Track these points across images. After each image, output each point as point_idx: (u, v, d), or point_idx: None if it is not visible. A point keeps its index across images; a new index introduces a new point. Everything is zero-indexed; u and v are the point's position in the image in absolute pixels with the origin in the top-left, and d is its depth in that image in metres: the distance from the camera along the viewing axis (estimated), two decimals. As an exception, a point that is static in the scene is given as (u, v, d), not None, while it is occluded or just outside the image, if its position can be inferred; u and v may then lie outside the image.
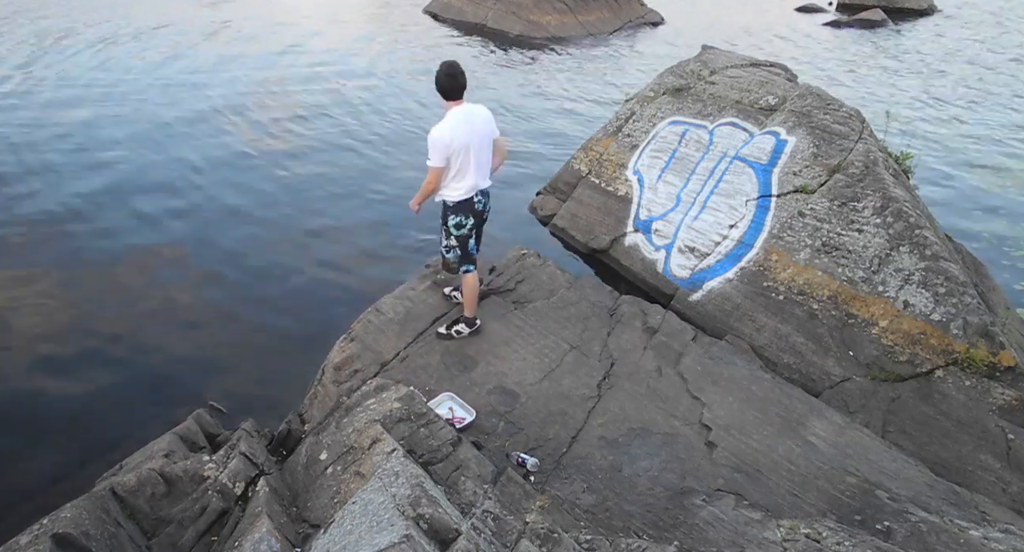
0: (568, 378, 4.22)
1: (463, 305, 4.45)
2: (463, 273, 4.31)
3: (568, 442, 3.75)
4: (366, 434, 3.16)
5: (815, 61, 16.12)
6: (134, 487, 2.90)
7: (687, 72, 7.24)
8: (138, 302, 5.54)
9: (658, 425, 3.92)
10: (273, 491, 3.00)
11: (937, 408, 4.23)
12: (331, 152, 8.98)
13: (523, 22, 17.45)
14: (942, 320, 4.42)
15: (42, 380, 4.63)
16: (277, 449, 3.73)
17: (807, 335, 4.85)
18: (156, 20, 15.91)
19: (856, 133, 5.61)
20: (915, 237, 4.74)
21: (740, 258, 5.42)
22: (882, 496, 3.47)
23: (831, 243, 5.06)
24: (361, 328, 4.49)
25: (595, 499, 3.40)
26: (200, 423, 3.70)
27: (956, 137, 11.17)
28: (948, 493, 3.61)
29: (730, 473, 3.62)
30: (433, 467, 3.11)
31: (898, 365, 4.45)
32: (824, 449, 3.83)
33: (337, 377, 4.16)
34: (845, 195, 5.18)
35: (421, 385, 4.01)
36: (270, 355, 5.04)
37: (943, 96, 13.62)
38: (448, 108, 3.85)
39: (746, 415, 4.05)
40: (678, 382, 4.30)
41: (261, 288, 5.85)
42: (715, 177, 5.97)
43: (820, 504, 3.46)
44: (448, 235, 4.20)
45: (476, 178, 3.98)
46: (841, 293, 4.85)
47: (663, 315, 4.98)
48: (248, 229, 6.77)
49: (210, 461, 3.14)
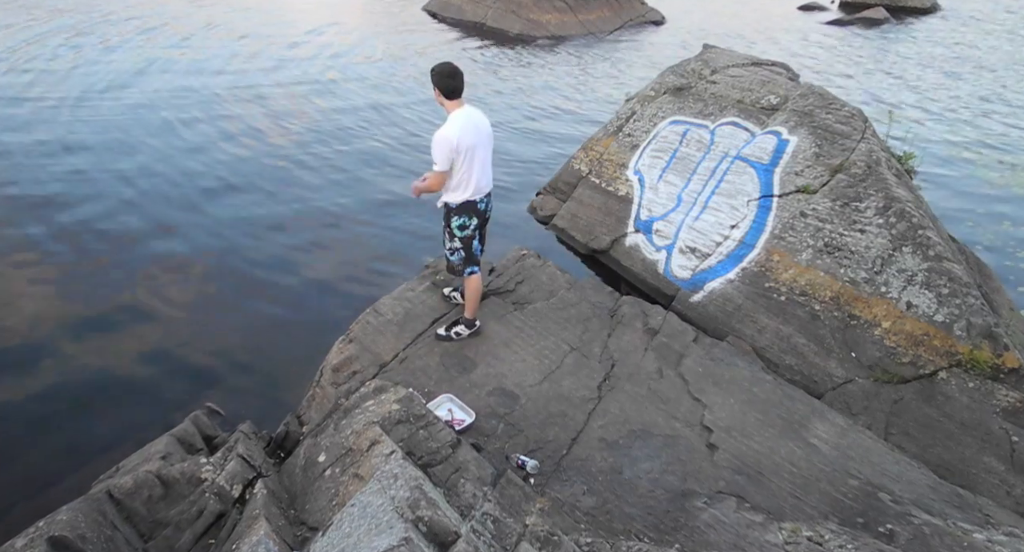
0: (568, 379, 4.23)
1: (464, 306, 4.45)
2: (467, 275, 4.29)
3: (568, 444, 3.75)
4: (365, 436, 3.16)
5: (817, 60, 16.15)
6: (131, 489, 2.90)
7: (688, 71, 7.26)
8: (134, 302, 5.54)
9: (659, 427, 3.92)
10: (271, 493, 3.00)
11: (940, 410, 4.23)
12: (329, 152, 8.99)
13: (523, 21, 17.48)
14: (945, 321, 4.42)
15: (37, 382, 4.63)
16: (275, 451, 3.73)
17: (809, 336, 4.85)
18: (153, 20, 15.91)
19: (858, 133, 5.62)
20: (918, 237, 4.75)
21: (742, 259, 5.43)
22: (885, 499, 3.48)
23: (833, 243, 5.07)
24: (360, 329, 4.50)
25: (595, 501, 3.40)
26: (197, 425, 3.71)
27: (960, 136, 11.19)
28: (951, 496, 3.61)
29: (731, 475, 3.62)
30: (432, 469, 3.11)
31: (901, 367, 4.45)
32: (826, 451, 3.84)
33: (335, 379, 4.16)
34: (847, 195, 5.19)
35: (420, 387, 4.01)
36: (268, 357, 5.05)
37: (947, 95, 13.64)
38: (450, 109, 3.82)
39: (747, 417, 4.05)
40: (679, 383, 4.31)
41: (258, 290, 5.85)
42: (716, 177, 5.98)
43: (822, 507, 3.47)
44: (452, 237, 4.17)
45: (480, 180, 3.96)
46: (843, 294, 4.85)
47: (664, 316, 4.99)
48: (245, 230, 6.78)
49: (207, 463, 3.15)
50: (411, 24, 17.80)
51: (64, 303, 5.45)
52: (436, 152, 3.76)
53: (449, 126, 3.75)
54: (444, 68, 3.75)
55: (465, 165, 3.84)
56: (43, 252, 6.12)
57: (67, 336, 5.09)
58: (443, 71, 3.73)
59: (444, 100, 3.80)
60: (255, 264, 6.22)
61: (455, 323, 4.47)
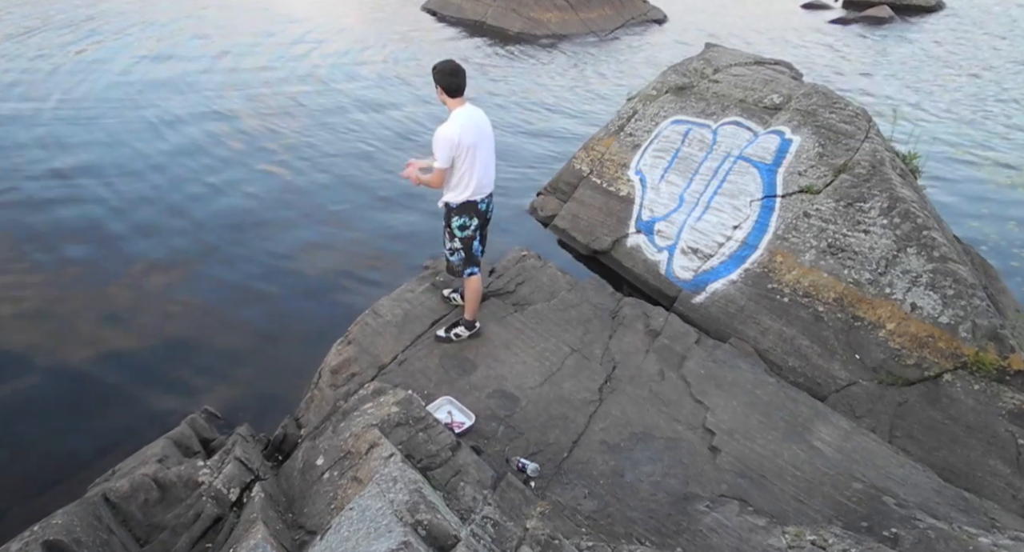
0: (569, 382, 4.22)
1: (463, 307, 4.45)
2: (467, 276, 4.29)
3: (569, 447, 3.75)
4: (363, 439, 3.16)
5: (821, 59, 16.16)
6: (127, 493, 2.90)
7: (690, 70, 7.26)
8: (130, 306, 5.54)
9: (661, 429, 3.92)
10: (268, 497, 3.00)
11: (945, 413, 4.23)
12: (327, 152, 8.98)
13: (523, 19, 17.49)
14: (951, 323, 4.42)
15: (32, 384, 4.63)
16: (273, 454, 3.73)
17: (812, 338, 4.85)
18: (138, 19, 15.92)
19: (862, 132, 5.62)
20: (923, 238, 4.75)
21: (744, 259, 5.43)
22: (889, 502, 3.47)
23: (837, 244, 5.06)
24: (358, 331, 4.50)
25: (597, 505, 3.40)
26: (194, 428, 3.71)
27: (965, 136, 11.18)
28: (956, 499, 3.61)
29: (734, 478, 3.62)
30: (432, 472, 3.11)
31: (905, 369, 4.45)
32: (830, 454, 3.84)
33: (334, 381, 4.16)
34: (851, 195, 5.19)
35: (419, 389, 4.01)
36: (266, 359, 5.05)
37: (952, 94, 13.64)
38: (452, 107, 3.83)
39: (750, 419, 4.05)
40: (681, 386, 4.30)
41: (256, 291, 5.85)
42: (719, 177, 5.98)
43: (826, 510, 3.46)
44: (452, 237, 4.17)
45: (482, 180, 3.96)
46: (847, 295, 4.85)
47: (666, 317, 4.99)
48: (243, 231, 6.78)
49: (204, 466, 3.15)
50: (410, 23, 17.81)
51: (57, 305, 5.45)
52: (437, 149, 3.77)
53: (451, 123, 3.76)
54: (446, 66, 3.76)
55: (466, 164, 3.84)
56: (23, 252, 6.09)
57: (62, 338, 5.08)
58: (446, 69, 3.75)
59: (446, 98, 3.82)
60: (251, 265, 6.21)
61: (455, 324, 4.47)
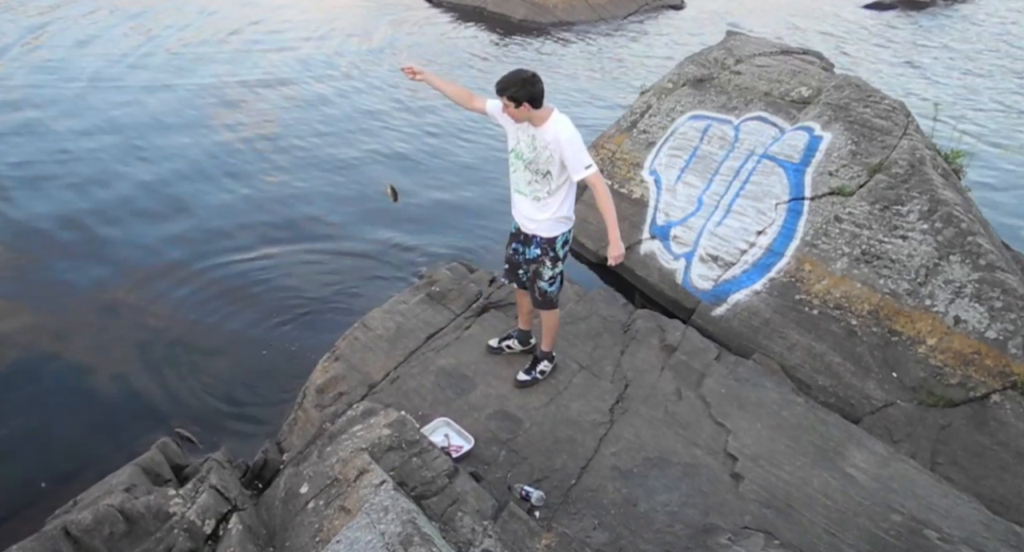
0: (577, 402, 4.25)
1: (543, 341, 4.30)
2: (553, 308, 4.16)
3: (577, 473, 3.77)
4: (352, 464, 3.18)
5: (854, 48, 16.25)
6: (90, 526, 2.91)
7: (710, 61, 7.33)
8: (98, 318, 5.58)
9: (678, 454, 3.94)
10: (247, 529, 3.02)
11: (994, 437, 4.23)
12: (324, 152, 9.02)
13: (527, 5, 17.64)
14: (998, 338, 4.44)
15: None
16: (252, 482, 3.75)
17: (845, 354, 4.87)
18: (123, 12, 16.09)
19: (900, 128, 5.67)
20: (967, 245, 4.78)
21: (769, 268, 5.46)
22: (931, 536, 3.48)
23: (872, 251, 5.10)
24: (347, 346, 4.53)
25: (608, 537, 3.41)
26: (165, 453, 3.72)
27: (1014, 132, 11.21)
28: (1007, 534, 3.61)
29: (759, 509, 3.63)
30: (427, 501, 3.13)
31: (948, 389, 4.46)
32: (865, 483, 3.84)
33: (320, 401, 4.19)
34: (888, 198, 5.23)
35: (413, 409, 4.04)
36: (245, 376, 5.06)
37: (999, 86, 13.69)
38: (543, 118, 3.64)
39: (776, 444, 4.07)
40: (700, 406, 4.32)
41: (235, 303, 5.88)
42: (741, 178, 6.02)
43: (860, 544, 3.47)
44: (555, 263, 4.04)
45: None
46: (883, 307, 4.88)
47: (683, 331, 5.02)
48: (218, 240, 6.81)
49: (176, 496, 3.16)
50: (406, 9, 17.94)
51: (16, 319, 5.49)
52: (583, 151, 3.64)
53: (570, 125, 3.65)
54: (523, 75, 3.54)
55: (567, 174, 3.72)
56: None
57: (19, 355, 5.11)
58: (526, 77, 3.52)
59: (532, 112, 3.59)
60: (231, 276, 6.24)
61: (534, 362, 4.36)
